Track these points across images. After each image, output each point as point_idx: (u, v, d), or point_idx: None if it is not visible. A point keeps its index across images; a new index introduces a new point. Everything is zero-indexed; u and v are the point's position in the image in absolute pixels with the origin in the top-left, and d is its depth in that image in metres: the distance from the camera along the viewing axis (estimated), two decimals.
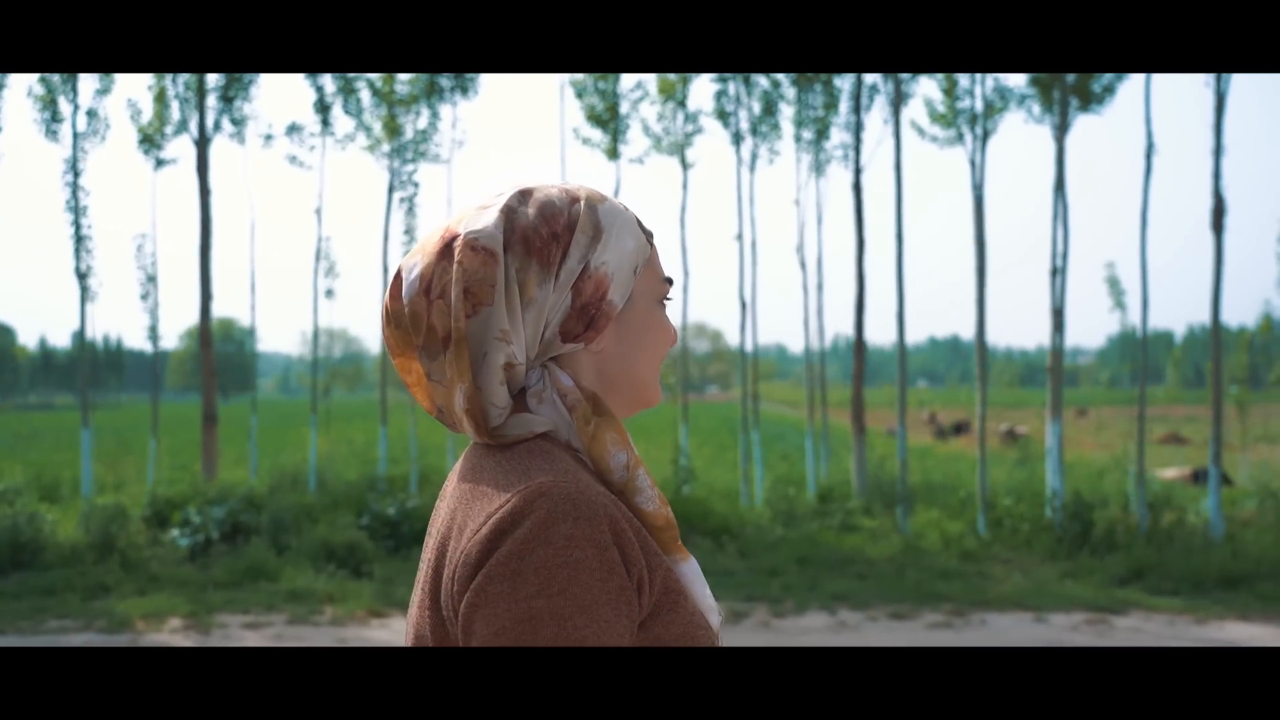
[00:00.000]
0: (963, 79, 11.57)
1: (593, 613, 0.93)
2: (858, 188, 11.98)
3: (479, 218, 1.06)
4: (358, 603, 7.58)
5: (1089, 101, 11.50)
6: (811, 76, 12.12)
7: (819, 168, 12.52)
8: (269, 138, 12.13)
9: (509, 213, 1.06)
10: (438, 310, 1.04)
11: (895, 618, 7.29)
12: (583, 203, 1.09)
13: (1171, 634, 6.92)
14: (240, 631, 7.00)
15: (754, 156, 12.33)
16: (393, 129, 11.88)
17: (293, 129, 12.07)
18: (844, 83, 12.21)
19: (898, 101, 11.41)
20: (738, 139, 12.28)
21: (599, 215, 1.09)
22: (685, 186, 12.15)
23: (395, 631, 7.07)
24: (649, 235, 1.14)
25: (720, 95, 12.23)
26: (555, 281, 1.06)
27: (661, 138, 12.11)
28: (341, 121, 12.57)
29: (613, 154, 12.00)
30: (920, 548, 9.42)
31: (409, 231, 11.45)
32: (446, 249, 1.05)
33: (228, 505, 9.37)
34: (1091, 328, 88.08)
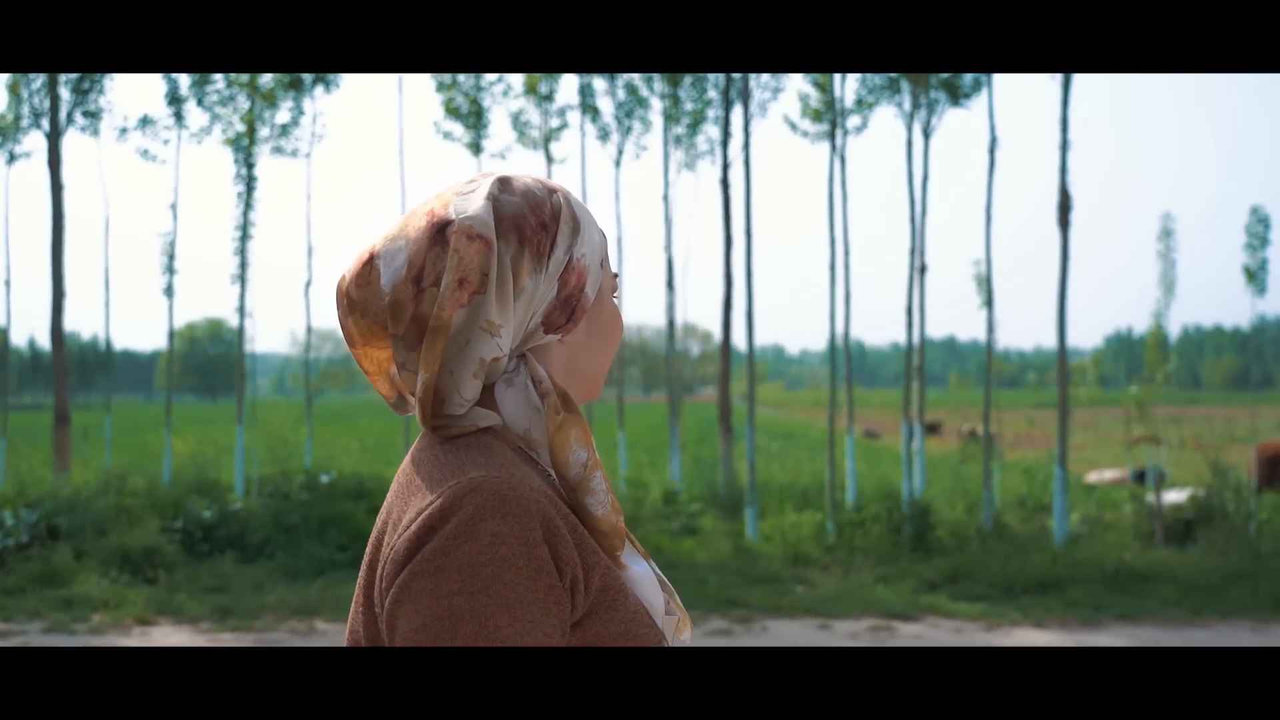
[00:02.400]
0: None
1: (516, 611, 0.92)
2: (725, 183, 11.75)
3: (465, 204, 1.03)
4: (129, 610, 7.30)
5: (958, 97, 11.31)
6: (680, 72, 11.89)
7: (689, 163, 12.28)
8: (124, 131, 11.84)
9: (495, 200, 1.04)
10: (428, 298, 1.01)
11: None
12: (560, 194, 1.09)
13: (953, 640, 6.68)
14: None
15: (620, 152, 12.09)
16: (252, 122, 11.61)
17: (145, 122, 11.78)
18: (713, 76, 11.97)
19: (745, 96, 11.19)
20: (604, 134, 12.04)
21: (574, 207, 1.09)
22: None
23: (155, 640, 6.80)
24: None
25: (585, 89, 11.98)
26: (545, 272, 1.05)
27: (525, 131, 11.87)
28: (196, 115, 12.21)
29: (475, 148, 11.74)
30: (753, 552, 9.18)
31: (240, 227, 11.17)
32: (439, 236, 1.02)
33: (41, 509, 9.09)
34: (1092, 327, 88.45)
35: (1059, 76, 9.73)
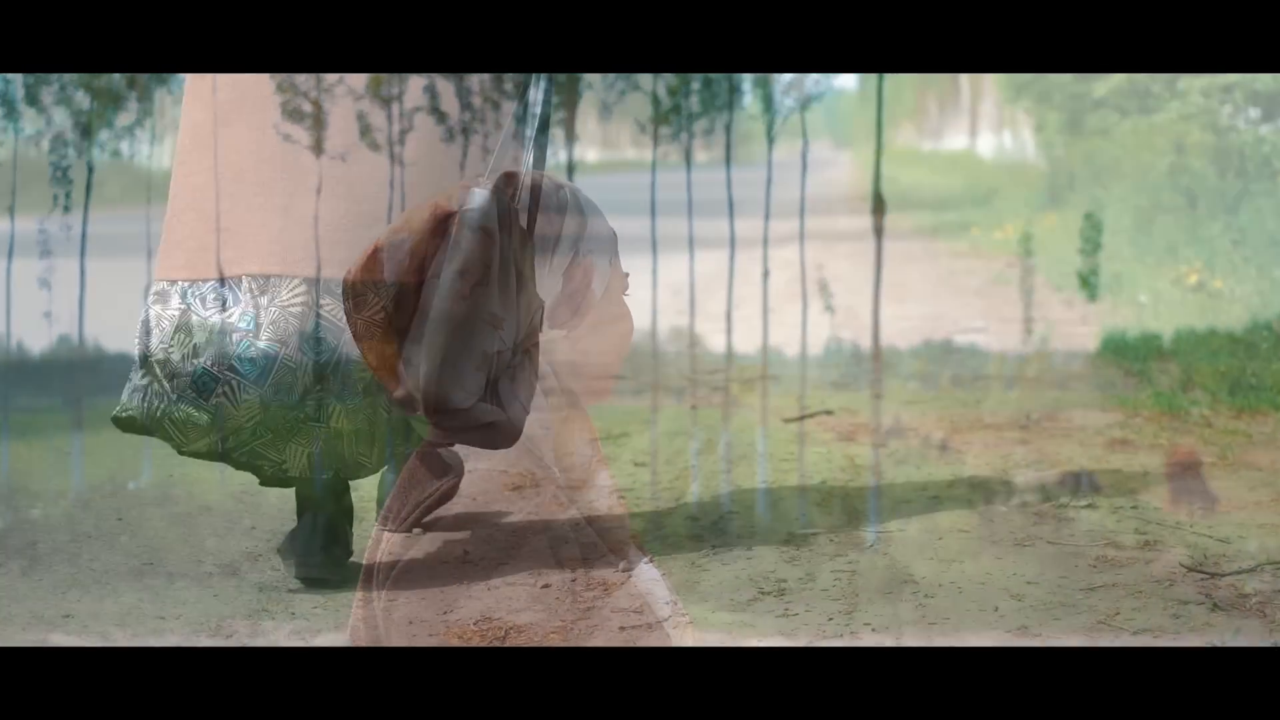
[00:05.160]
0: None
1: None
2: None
3: (470, 197, 1.06)
4: None
5: (807, 102, 11.30)
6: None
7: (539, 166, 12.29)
8: None
9: (499, 193, 1.07)
10: (430, 289, 1.02)
11: None
12: (568, 189, 1.12)
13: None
14: None
15: (464, 155, 12.06)
16: (91, 124, 11.51)
17: None
18: (564, 76, 11.97)
19: (571, 103, 11.17)
20: (450, 136, 12.01)
21: (582, 202, 1.11)
22: (393, 186, 11.88)
23: None
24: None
25: (429, 90, 11.94)
26: (549, 266, 1.03)
27: (368, 134, 11.82)
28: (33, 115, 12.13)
29: (317, 150, 11.67)
30: None
31: (38, 232, 11.08)
32: (441, 226, 1.05)
33: None
34: (1090, 331, 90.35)
35: (873, 77, 9.70)
